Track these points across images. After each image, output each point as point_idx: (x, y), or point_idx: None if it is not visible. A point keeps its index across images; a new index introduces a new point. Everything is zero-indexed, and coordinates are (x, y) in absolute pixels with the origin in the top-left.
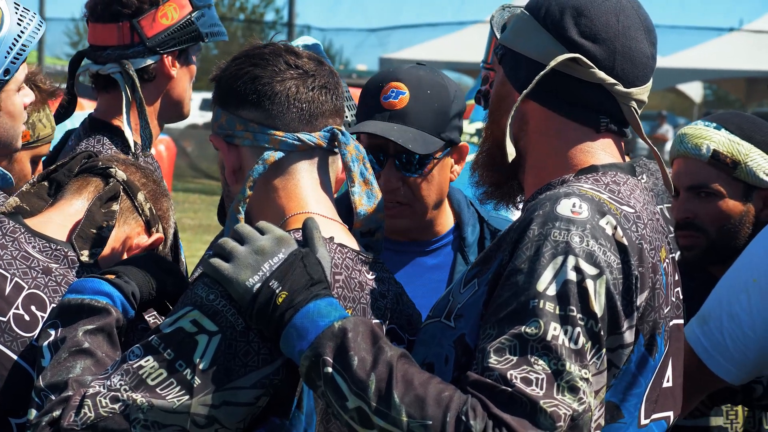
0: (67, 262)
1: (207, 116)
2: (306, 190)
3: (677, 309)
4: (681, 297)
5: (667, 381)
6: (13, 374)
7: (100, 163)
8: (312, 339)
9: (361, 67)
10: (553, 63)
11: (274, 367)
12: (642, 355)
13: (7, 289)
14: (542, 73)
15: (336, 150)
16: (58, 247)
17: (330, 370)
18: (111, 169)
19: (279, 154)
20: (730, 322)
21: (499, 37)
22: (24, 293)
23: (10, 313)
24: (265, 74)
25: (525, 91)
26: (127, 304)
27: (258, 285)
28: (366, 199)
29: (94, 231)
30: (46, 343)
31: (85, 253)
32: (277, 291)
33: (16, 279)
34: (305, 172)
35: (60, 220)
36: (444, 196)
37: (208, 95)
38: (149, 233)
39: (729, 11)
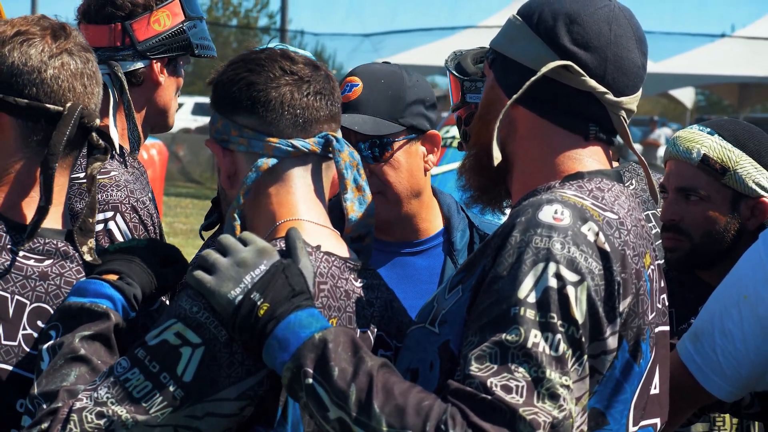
0: (60, 255)
1: (199, 121)
2: (298, 197)
3: (663, 316)
4: (667, 304)
5: (655, 388)
6: None
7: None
8: (293, 350)
9: None
10: (544, 69)
11: (258, 378)
12: (626, 361)
13: (11, 311)
14: (533, 79)
15: (330, 155)
16: (47, 241)
17: (311, 381)
18: (96, 124)
19: (272, 161)
20: (722, 338)
21: (456, 74)
22: (27, 310)
23: (20, 336)
24: (260, 80)
25: (515, 96)
26: (128, 307)
27: (240, 297)
28: (358, 205)
29: (91, 220)
30: (45, 346)
31: (86, 249)
32: (259, 303)
33: (16, 297)
34: (299, 179)
35: (38, 194)
36: (420, 187)
37: (201, 99)
38: None
39: (721, 17)
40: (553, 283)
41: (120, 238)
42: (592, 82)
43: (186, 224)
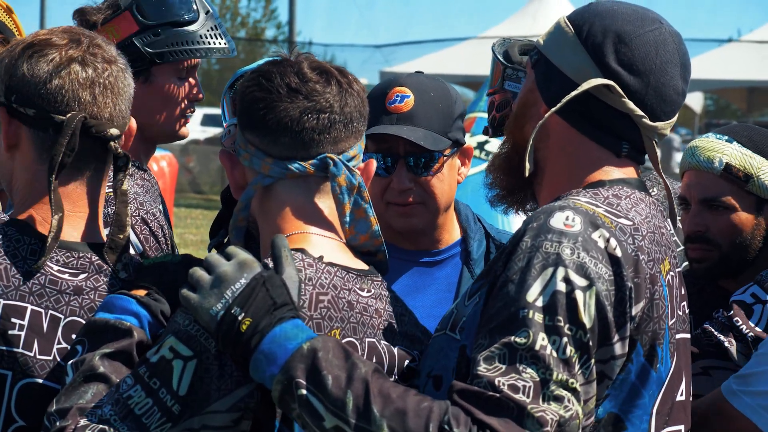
0: (94, 268)
1: (208, 132)
2: (299, 211)
3: (683, 323)
4: (687, 311)
5: (681, 394)
6: None
7: (95, 129)
8: (282, 363)
9: (362, 81)
10: (586, 86)
11: (249, 389)
12: (642, 366)
13: (45, 326)
14: (573, 93)
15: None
16: (81, 254)
17: (304, 392)
18: (109, 133)
19: (268, 180)
20: None
21: (502, 60)
22: (62, 325)
23: (54, 351)
24: (265, 98)
25: (553, 109)
26: (156, 323)
27: (221, 312)
28: (357, 227)
29: (121, 236)
30: (71, 362)
31: (119, 266)
32: (240, 318)
33: (50, 312)
34: (299, 196)
35: (68, 208)
36: (453, 198)
37: (210, 111)
38: None
39: (728, 22)
40: (561, 287)
41: (131, 251)
42: (632, 105)
43: (196, 235)
